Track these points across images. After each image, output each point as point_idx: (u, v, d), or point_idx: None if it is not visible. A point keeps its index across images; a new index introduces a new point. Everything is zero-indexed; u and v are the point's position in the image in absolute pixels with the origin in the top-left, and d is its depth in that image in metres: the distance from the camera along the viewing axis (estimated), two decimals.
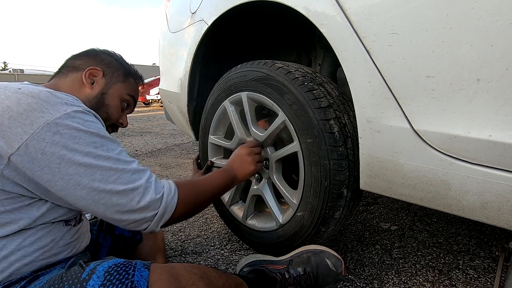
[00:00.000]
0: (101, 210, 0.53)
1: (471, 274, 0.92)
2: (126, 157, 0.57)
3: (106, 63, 0.72)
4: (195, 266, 0.57)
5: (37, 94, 0.50)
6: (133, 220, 0.55)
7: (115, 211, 0.53)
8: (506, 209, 0.53)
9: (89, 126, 0.53)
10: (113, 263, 0.51)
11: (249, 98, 0.93)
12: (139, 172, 0.57)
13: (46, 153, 0.48)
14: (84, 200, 0.51)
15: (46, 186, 0.50)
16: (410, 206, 1.45)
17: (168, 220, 0.59)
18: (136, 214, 0.55)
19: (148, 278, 0.50)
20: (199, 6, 1.18)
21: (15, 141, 0.47)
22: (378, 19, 0.62)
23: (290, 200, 0.87)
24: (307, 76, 0.82)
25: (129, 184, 0.54)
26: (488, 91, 0.51)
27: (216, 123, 1.09)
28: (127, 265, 0.51)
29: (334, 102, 0.79)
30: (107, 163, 0.53)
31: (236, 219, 1.06)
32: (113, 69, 0.72)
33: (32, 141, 0.47)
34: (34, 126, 0.48)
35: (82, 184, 0.50)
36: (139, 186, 0.55)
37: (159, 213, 0.57)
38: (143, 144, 3.27)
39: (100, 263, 0.51)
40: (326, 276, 0.77)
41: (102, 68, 0.70)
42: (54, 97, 0.52)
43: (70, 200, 0.52)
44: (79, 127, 0.51)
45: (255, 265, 0.84)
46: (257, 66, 0.90)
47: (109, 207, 0.53)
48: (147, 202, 0.55)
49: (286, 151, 0.86)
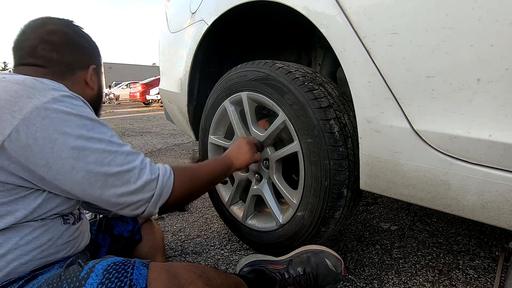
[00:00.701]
0: (97, 194, 0.53)
1: (471, 274, 0.92)
2: (118, 140, 0.56)
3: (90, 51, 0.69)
4: (194, 265, 0.57)
5: (23, 81, 0.50)
6: (130, 202, 0.55)
7: (112, 194, 0.53)
8: (506, 209, 0.53)
9: (79, 110, 0.52)
10: (112, 262, 0.51)
11: (249, 98, 0.93)
12: (133, 154, 0.57)
13: (38, 138, 0.48)
14: (80, 185, 0.51)
15: (41, 172, 0.50)
16: (410, 206, 1.45)
17: (165, 202, 0.59)
18: (133, 196, 0.55)
19: (147, 276, 0.50)
20: (199, 6, 1.18)
21: (5, 128, 0.46)
22: (378, 19, 0.62)
23: (290, 200, 0.87)
24: (307, 76, 0.82)
25: (124, 166, 0.54)
26: (488, 91, 0.51)
27: (216, 123, 1.09)
28: (126, 263, 0.51)
29: (334, 102, 0.79)
30: (100, 145, 0.52)
31: (236, 219, 1.06)
32: (96, 55, 0.70)
33: (23, 126, 0.47)
34: (23, 111, 0.47)
35: (77, 167, 0.50)
36: (134, 167, 0.55)
37: (156, 194, 0.57)
38: (143, 144, 3.27)
39: (99, 261, 0.51)
40: (326, 276, 0.77)
41: (93, 61, 0.69)
42: (40, 83, 0.51)
43: (67, 186, 0.51)
44: (68, 110, 0.51)
45: (255, 265, 0.84)
46: (257, 66, 0.90)
47: (106, 189, 0.53)
48: (143, 183, 0.55)
49: (286, 151, 0.86)
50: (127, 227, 0.87)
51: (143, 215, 0.59)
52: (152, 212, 0.59)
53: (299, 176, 0.84)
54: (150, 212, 0.58)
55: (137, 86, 12.17)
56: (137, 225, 0.89)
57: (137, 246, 0.88)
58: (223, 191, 1.12)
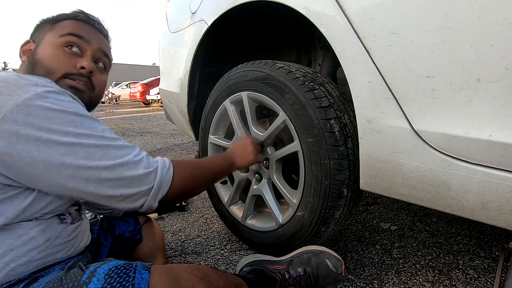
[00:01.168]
0: (91, 189, 0.51)
1: (471, 274, 0.92)
2: (110, 134, 0.55)
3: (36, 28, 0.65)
4: (196, 267, 0.57)
5: (4, 78, 0.49)
6: (128, 194, 0.54)
7: (108, 187, 0.52)
8: (506, 209, 0.53)
9: (65, 106, 0.50)
10: (113, 265, 0.50)
11: (249, 98, 0.93)
12: (127, 148, 0.55)
13: (21, 136, 0.46)
14: (73, 181, 0.50)
15: (29, 171, 0.48)
16: (410, 206, 1.45)
17: (164, 195, 0.58)
18: (130, 188, 0.53)
19: (149, 280, 0.49)
20: (199, 6, 1.18)
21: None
22: (378, 19, 0.62)
23: (290, 200, 0.87)
24: (308, 76, 0.82)
25: (118, 159, 0.52)
26: (488, 91, 0.51)
27: (216, 123, 1.09)
28: (127, 267, 0.51)
29: (334, 102, 0.79)
30: (90, 140, 0.51)
31: (236, 219, 1.06)
32: (40, 28, 0.65)
33: (4, 125, 0.45)
34: (3, 109, 0.45)
35: (66, 163, 0.49)
36: (129, 160, 0.53)
37: (155, 187, 0.56)
38: (143, 144, 3.27)
39: (100, 265, 0.50)
40: (326, 276, 0.77)
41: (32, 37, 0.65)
42: (23, 79, 0.50)
43: (59, 183, 0.50)
44: (53, 107, 0.49)
45: (255, 265, 0.84)
46: (258, 66, 0.90)
47: (100, 183, 0.51)
48: (139, 175, 0.54)
49: (286, 151, 0.86)
50: (128, 227, 0.87)
51: (143, 209, 0.57)
52: (152, 206, 0.58)
53: (298, 176, 0.84)
54: (150, 205, 0.57)
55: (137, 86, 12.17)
56: (138, 225, 0.89)
57: (138, 246, 0.88)
58: (223, 191, 1.12)
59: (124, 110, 9.79)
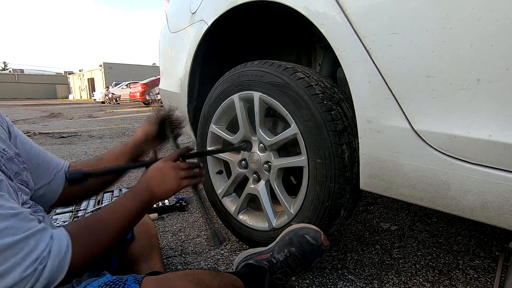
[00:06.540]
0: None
1: (471, 274, 0.92)
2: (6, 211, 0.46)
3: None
4: (189, 273, 0.56)
5: None
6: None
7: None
8: (506, 209, 0.53)
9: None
10: (103, 282, 0.49)
11: (261, 99, 0.90)
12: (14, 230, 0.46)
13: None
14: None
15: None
16: (410, 206, 1.45)
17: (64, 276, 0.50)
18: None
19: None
20: (199, 6, 1.18)
21: None
22: (378, 19, 0.62)
23: (287, 209, 0.88)
24: (327, 93, 0.79)
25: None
26: (488, 91, 0.51)
27: (220, 113, 1.05)
28: (117, 282, 0.49)
29: (348, 125, 0.78)
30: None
31: (228, 212, 1.06)
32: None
33: None
34: None
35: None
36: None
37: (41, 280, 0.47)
38: None
39: (90, 282, 0.49)
40: (311, 251, 0.78)
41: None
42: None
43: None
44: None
45: (246, 259, 0.86)
46: (276, 69, 0.86)
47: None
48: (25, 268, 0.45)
49: (292, 163, 0.86)
50: None
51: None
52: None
53: (298, 180, 0.85)
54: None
55: (137, 86, 12.17)
56: None
57: (130, 245, 0.84)
58: (217, 181, 1.11)
59: (124, 110, 9.79)
